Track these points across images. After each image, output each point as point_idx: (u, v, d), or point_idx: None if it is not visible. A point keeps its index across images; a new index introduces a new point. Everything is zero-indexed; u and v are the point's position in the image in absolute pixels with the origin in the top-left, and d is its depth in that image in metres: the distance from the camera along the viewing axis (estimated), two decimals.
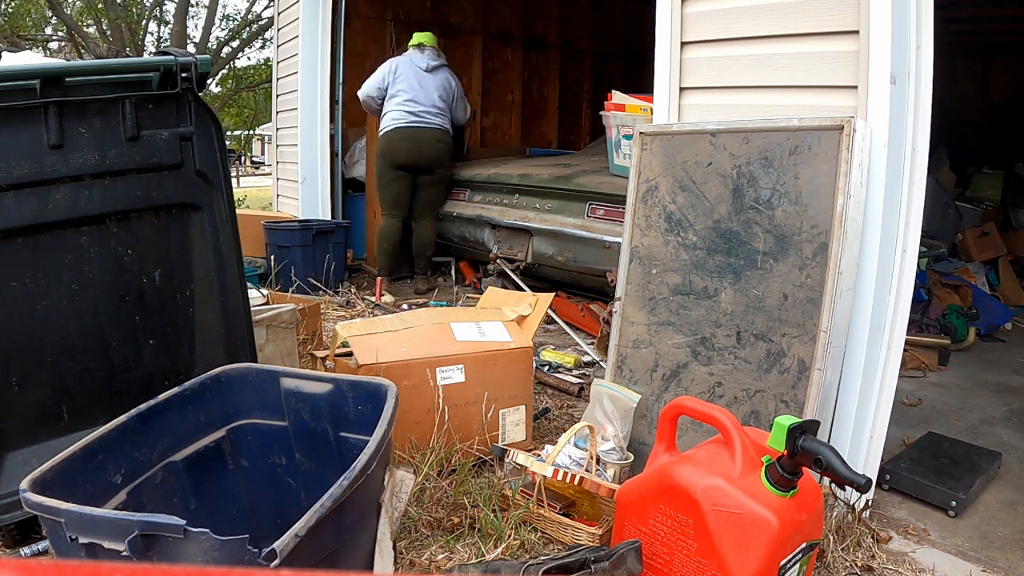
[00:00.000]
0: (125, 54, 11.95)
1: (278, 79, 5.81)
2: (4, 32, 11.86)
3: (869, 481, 1.45)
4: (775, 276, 2.03)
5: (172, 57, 1.86)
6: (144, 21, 13.60)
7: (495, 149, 6.96)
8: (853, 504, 1.98)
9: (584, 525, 1.91)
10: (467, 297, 4.76)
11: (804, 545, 1.51)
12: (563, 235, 4.15)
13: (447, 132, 4.81)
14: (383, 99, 4.75)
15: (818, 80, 2.10)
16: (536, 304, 2.64)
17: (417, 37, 4.86)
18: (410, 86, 4.68)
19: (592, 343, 3.70)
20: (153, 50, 14.57)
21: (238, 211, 2.23)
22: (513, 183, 4.62)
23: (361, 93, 4.83)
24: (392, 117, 4.68)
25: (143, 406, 1.50)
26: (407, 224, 4.95)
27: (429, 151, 4.73)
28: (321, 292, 4.65)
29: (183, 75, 1.87)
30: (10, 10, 12.32)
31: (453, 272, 5.45)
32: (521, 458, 2.00)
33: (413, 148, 4.69)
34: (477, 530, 1.92)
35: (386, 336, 2.28)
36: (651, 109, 2.66)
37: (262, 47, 14.67)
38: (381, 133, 4.74)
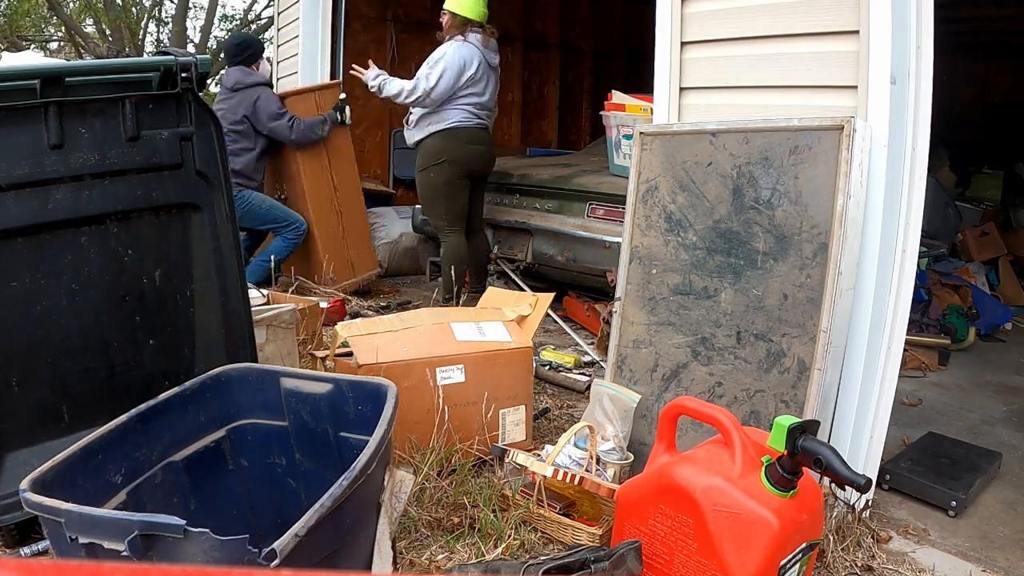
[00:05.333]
0: (125, 54, 11.94)
1: (278, 79, 5.81)
2: (4, 32, 11.85)
3: (869, 481, 1.45)
4: (775, 276, 2.03)
5: (172, 57, 1.86)
6: (144, 21, 13.61)
7: (495, 149, 6.95)
8: (853, 504, 1.98)
9: (584, 525, 1.91)
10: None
11: (804, 545, 1.51)
12: (563, 235, 4.14)
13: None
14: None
15: (818, 80, 2.10)
16: (536, 304, 2.64)
17: (473, 6, 3.98)
18: (484, 87, 4.03)
19: (593, 343, 3.70)
20: (153, 50, 14.57)
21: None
22: (513, 183, 4.61)
23: (426, 88, 3.88)
24: (460, 115, 3.97)
25: (143, 406, 1.50)
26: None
27: (490, 158, 4.25)
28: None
29: (183, 75, 1.87)
30: (8, 11, 12.31)
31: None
32: (521, 458, 2.00)
33: (488, 154, 4.15)
34: (477, 530, 1.92)
35: (386, 336, 2.28)
36: (651, 109, 2.66)
37: None
38: (441, 132, 3.97)
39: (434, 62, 3.96)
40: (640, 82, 3.49)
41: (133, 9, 13.33)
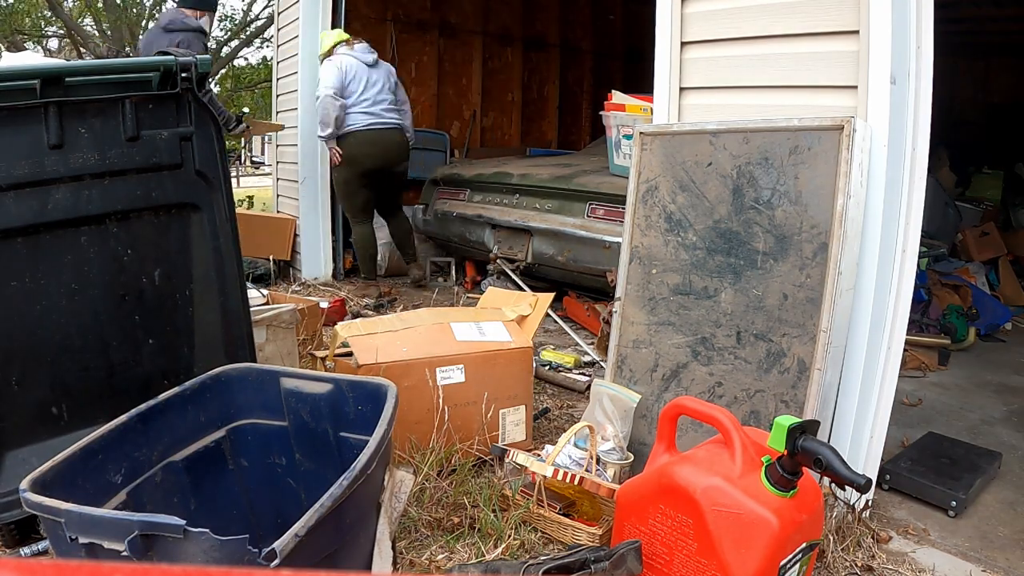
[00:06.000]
0: (125, 54, 11.93)
1: (278, 79, 5.80)
2: (4, 31, 11.85)
3: (869, 481, 1.45)
4: (775, 276, 2.03)
5: (172, 57, 1.86)
6: (143, 21, 13.60)
7: (495, 149, 6.97)
8: (853, 504, 1.98)
9: (584, 525, 1.91)
10: (467, 297, 4.76)
11: (804, 545, 1.51)
12: (563, 235, 4.15)
13: (402, 128, 4.65)
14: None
15: (818, 80, 2.10)
16: (536, 304, 2.64)
17: (336, 35, 4.61)
18: (372, 87, 4.50)
19: (593, 343, 3.70)
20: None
21: (240, 212, 2.23)
22: (513, 183, 4.62)
23: (324, 95, 4.37)
24: (356, 119, 4.47)
25: (143, 406, 1.50)
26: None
27: (393, 153, 4.60)
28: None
29: (183, 75, 1.87)
30: (8, 9, 12.29)
31: (453, 272, 5.45)
32: (521, 458, 2.00)
33: (381, 153, 4.54)
34: (477, 530, 1.92)
35: (386, 336, 2.28)
36: (651, 109, 2.66)
37: (260, 46, 14.66)
38: (343, 136, 4.47)
39: (320, 84, 4.49)
40: (640, 82, 3.49)
41: (133, 9, 13.32)
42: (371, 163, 4.54)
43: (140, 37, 12.97)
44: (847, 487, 1.62)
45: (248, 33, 14.42)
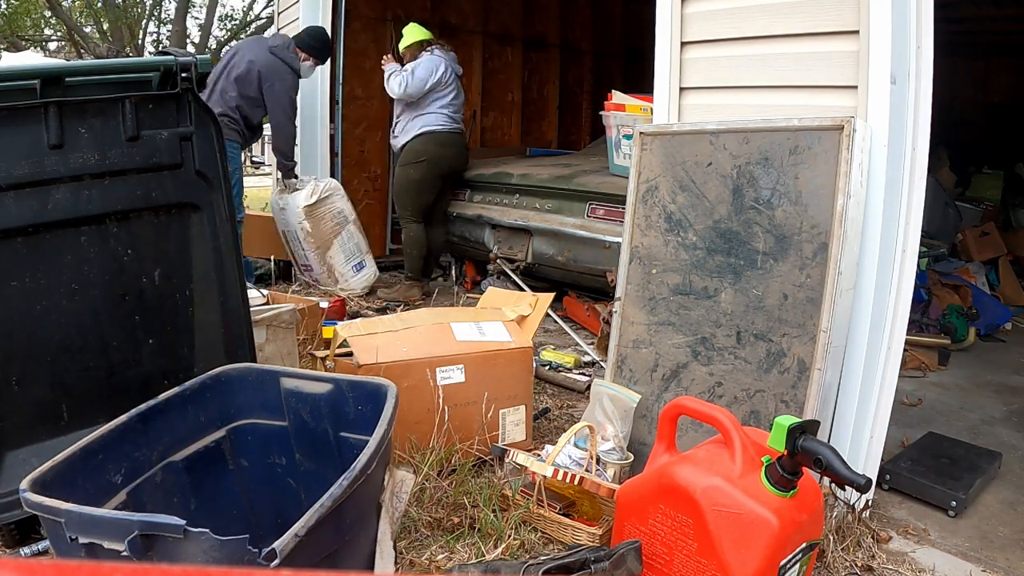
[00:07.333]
0: (125, 54, 11.94)
1: None
2: (4, 32, 11.85)
3: (869, 481, 1.45)
4: (775, 276, 2.03)
5: (172, 57, 1.86)
6: (144, 21, 13.61)
7: (495, 149, 6.95)
8: (853, 504, 1.98)
9: (584, 525, 1.91)
10: (467, 297, 4.76)
11: (804, 545, 1.51)
12: (563, 235, 4.15)
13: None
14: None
15: (818, 80, 2.10)
16: (536, 304, 2.64)
17: (419, 32, 4.72)
18: (454, 92, 4.66)
19: (593, 343, 3.70)
20: (153, 50, 14.57)
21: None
22: (513, 183, 4.61)
23: (408, 88, 4.44)
24: (438, 120, 4.58)
25: (143, 406, 1.50)
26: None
27: (463, 158, 4.84)
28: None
29: (183, 75, 1.87)
30: (8, 11, 12.30)
31: (453, 272, 5.45)
32: (521, 458, 2.00)
33: (457, 155, 4.72)
34: (477, 530, 1.92)
35: (386, 336, 2.28)
36: (651, 109, 2.66)
37: None
38: (422, 135, 4.54)
39: (411, 68, 4.59)
40: (640, 82, 3.49)
41: (134, 8, 13.33)
42: (447, 165, 4.69)
43: (140, 37, 13.00)
44: (847, 487, 1.62)
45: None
